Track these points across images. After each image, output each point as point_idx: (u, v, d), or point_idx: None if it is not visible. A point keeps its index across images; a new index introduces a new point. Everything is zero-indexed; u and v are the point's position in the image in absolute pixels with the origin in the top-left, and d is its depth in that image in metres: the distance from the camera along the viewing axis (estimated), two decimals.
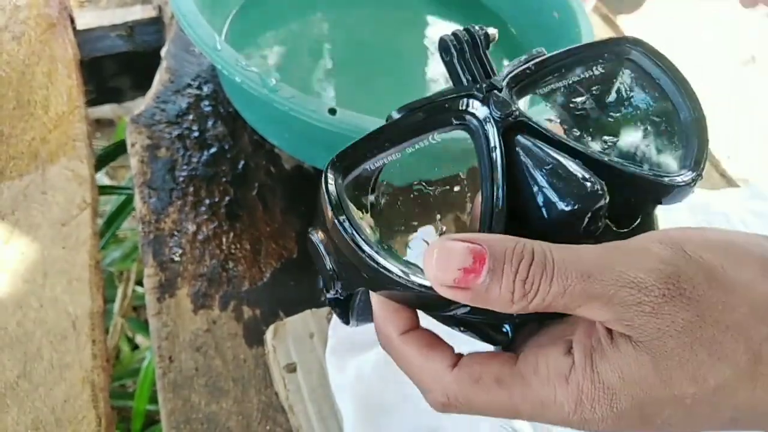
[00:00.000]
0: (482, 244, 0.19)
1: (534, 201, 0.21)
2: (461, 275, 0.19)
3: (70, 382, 0.39)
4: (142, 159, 0.52)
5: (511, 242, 0.19)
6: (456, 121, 0.23)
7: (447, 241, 0.19)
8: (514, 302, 0.19)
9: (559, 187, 0.21)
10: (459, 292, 0.19)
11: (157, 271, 0.46)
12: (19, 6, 0.61)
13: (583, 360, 0.19)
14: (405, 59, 0.62)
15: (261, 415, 0.40)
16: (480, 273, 0.18)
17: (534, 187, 0.21)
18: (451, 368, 0.21)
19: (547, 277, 0.18)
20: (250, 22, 0.60)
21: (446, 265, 0.19)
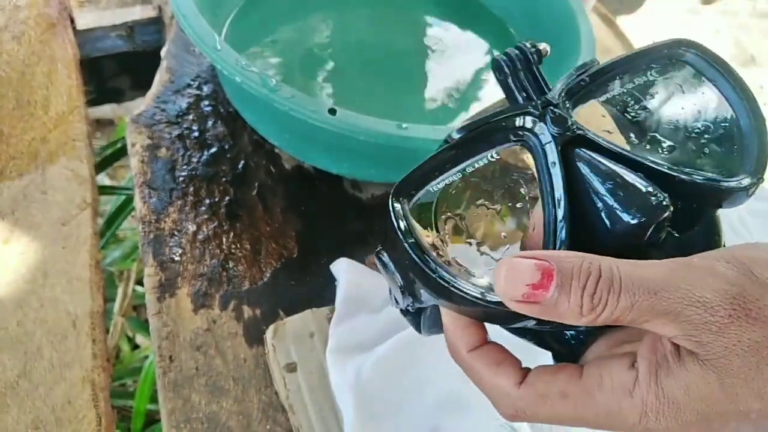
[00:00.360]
0: (550, 260, 0.20)
1: (597, 214, 0.22)
2: (530, 290, 0.20)
3: (70, 382, 0.39)
4: (142, 159, 0.53)
5: (578, 259, 0.20)
6: (514, 139, 0.24)
7: (515, 259, 0.20)
8: (583, 315, 0.20)
9: (623, 200, 0.21)
10: (528, 306, 0.20)
11: (157, 271, 0.46)
12: (19, 6, 0.61)
13: (648, 375, 0.20)
14: (405, 60, 0.62)
15: (261, 415, 0.41)
16: (548, 288, 0.19)
17: (597, 201, 0.22)
18: (518, 386, 0.22)
19: (614, 293, 0.19)
20: (250, 23, 0.60)
21: (515, 280, 0.20)
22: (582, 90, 0.24)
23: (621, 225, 0.21)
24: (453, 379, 0.39)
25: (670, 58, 0.25)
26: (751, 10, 1.85)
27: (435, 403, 0.39)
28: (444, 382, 0.39)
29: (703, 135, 0.25)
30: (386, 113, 0.43)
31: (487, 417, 0.38)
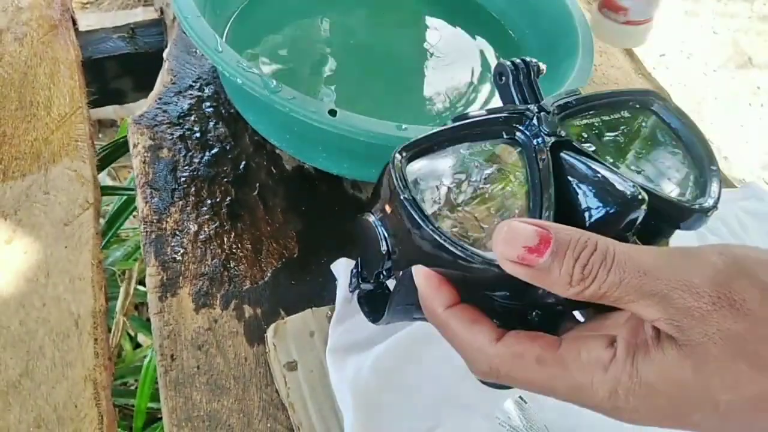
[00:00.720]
0: (548, 229, 0.20)
1: (577, 206, 0.24)
2: (525, 253, 0.20)
3: (72, 381, 0.40)
4: (144, 159, 0.53)
5: (576, 233, 0.20)
6: (507, 135, 0.26)
7: (515, 221, 0.21)
8: (571, 285, 0.20)
9: (603, 191, 0.23)
10: (521, 268, 0.20)
11: (158, 271, 0.46)
12: (22, 7, 0.61)
13: (624, 354, 0.20)
14: (405, 61, 0.63)
15: (262, 413, 0.41)
16: (543, 253, 0.20)
17: (578, 194, 0.24)
18: (495, 342, 0.22)
19: (605, 267, 0.20)
20: (252, 24, 0.60)
21: (513, 241, 0.20)
22: (569, 109, 0.28)
23: (599, 213, 0.23)
24: (452, 378, 0.39)
25: (641, 102, 0.29)
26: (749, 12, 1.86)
27: (434, 402, 0.39)
28: (443, 381, 0.40)
29: (666, 168, 0.28)
30: (386, 114, 0.43)
31: (486, 416, 0.38)
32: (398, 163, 0.24)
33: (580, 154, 0.25)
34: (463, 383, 0.39)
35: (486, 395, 0.39)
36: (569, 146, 0.25)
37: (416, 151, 0.25)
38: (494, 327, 0.23)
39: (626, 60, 0.73)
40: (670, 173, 0.28)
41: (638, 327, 0.21)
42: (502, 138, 0.26)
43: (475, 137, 0.26)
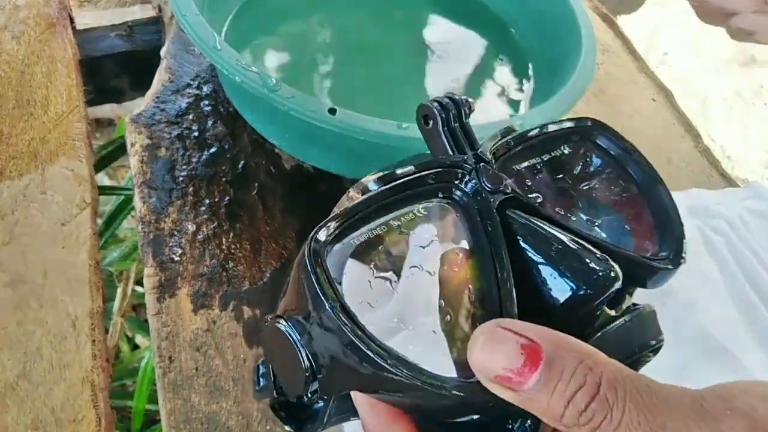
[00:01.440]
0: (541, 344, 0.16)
1: (535, 282, 0.20)
2: (505, 374, 0.16)
3: (69, 382, 0.39)
4: (141, 159, 0.52)
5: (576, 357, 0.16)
6: (441, 194, 0.22)
7: (498, 330, 0.17)
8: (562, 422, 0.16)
9: (569, 270, 0.19)
10: (499, 388, 0.17)
11: (156, 271, 0.46)
12: (19, 6, 0.61)
13: None
14: (405, 59, 0.62)
15: (261, 415, 0.40)
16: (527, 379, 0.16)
17: (539, 270, 0.20)
18: None
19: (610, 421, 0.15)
20: (250, 22, 0.60)
21: (490, 358, 0.16)
22: (507, 153, 0.24)
23: (565, 296, 0.19)
24: None
25: (580, 135, 0.25)
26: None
27: None
28: None
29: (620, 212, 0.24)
30: (386, 113, 0.43)
31: None
32: (317, 257, 0.19)
33: (532, 213, 0.21)
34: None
35: None
36: (519, 203, 0.21)
37: (337, 233, 0.20)
38: None
39: (629, 58, 0.73)
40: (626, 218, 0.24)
41: None
42: (437, 198, 0.22)
43: (404, 202, 0.21)
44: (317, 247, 0.19)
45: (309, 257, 0.19)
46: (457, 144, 0.23)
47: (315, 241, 0.20)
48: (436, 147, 0.24)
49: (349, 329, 0.18)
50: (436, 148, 0.24)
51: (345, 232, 0.20)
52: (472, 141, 0.23)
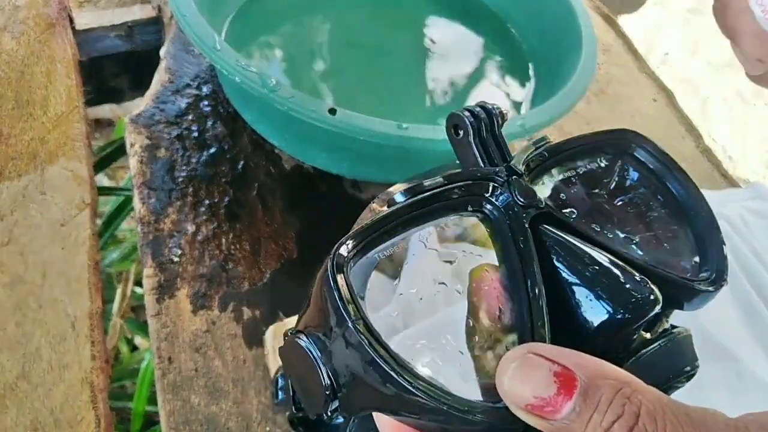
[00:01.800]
0: (576, 372, 0.15)
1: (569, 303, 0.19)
2: (537, 402, 0.16)
3: (69, 383, 0.39)
4: (141, 159, 0.52)
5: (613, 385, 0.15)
6: (471, 208, 0.21)
7: (530, 357, 0.16)
8: None
9: (605, 290, 0.18)
10: (530, 416, 0.16)
11: (156, 272, 0.46)
12: (18, 6, 0.61)
13: None
14: (405, 59, 0.62)
15: (260, 417, 0.40)
16: (560, 409, 0.15)
17: (573, 289, 0.19)
18: None
19: None
20: (250, 22, 0.60)
21: (521, 386, 0.16)
22: (540, 165, 0.22)
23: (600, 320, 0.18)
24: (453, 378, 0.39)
25: (616, 147, 0.24)
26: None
27: None
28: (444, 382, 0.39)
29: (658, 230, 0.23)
30: (386, 113, 0.43)
31: None
32: (340, 271, 0.18)
33: (566, 230, 0.20)
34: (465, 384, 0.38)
35: None
36: (550, 218, 0.20)
37: (361, 247, 0.19)
38: None
39: (630, 58, 0.73)
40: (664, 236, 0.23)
41: None
42: (467, 211, 0.21)
43: (431, 216, 0.20)
44: (340, 262, 0.18)
45: (331, 272, 0.18)
46: (488, 155, 0.22)
47: (338, 256, 0.18)
48: (467, 158, 0.23)
49: (372, 347, 0.17)
50: (466, 160, 0.23)
51: (369, 246, 0.19)
52: (504, 152, 0.22)
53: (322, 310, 0.18)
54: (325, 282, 0.18)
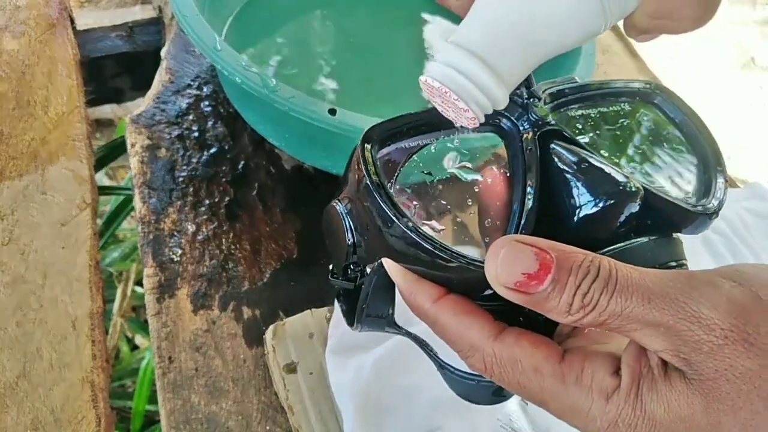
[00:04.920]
0: (550, 252, 0.19)
1: (564, 201, 0.21)
2: (523, 279, 0.19)
3: (69, 382, 0.39)
4: (141, 159, 0.52)
5: (579, 255, 0.19)
6: (490, 121, 0.23)
7: (515, 243, 0.19)
8: (570, 314, 0.19)
9: (593, 182, 0.21)
10: (516, 294, 0.19)
11: (156, 272, 0.46)
12: (19, 6, 0.61)
13: (629, 385, 0.19)
14: (405, 58, 0.62)
15: (261, 416, 0.40)
16: (543, 281, 0.18)
17: (566, 186, 0.21)
18: (492, 338, 0.20)
19: (607, 294, 0.18)
20: (251, 23, 0.60)
21: (510, 267, 0.19)
22: (563, 98, 0.25)
23: (589, 208, 0.21)
24: None
25: (641, 95, 0.26)
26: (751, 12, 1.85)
27: (435, 403, 0.39)
28: (445, 384, 0.39)
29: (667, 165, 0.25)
30: (387, 113, 0.43)
31: (487, 417, 0.38)
32: (367, 144, 0.22)
33: (571, 144, 0.22)
34: None
35: None
36: (560, 136, 0.23)
37: (388, 134, 0.23)
38: (491, 321, 0.21)
39: (629, 59, 0.73)
40: (672, 172, 0.25)
41: (642, 350, 0.19)
42: (486, 124, 0.24)
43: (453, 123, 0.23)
44: (368, 136, 0.22)
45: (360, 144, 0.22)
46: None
47: (367, 134, 0.22)
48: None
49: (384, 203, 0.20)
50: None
51: (397, 134, 0.23)
52: (528, 80, 0.25)
53: (350, 176, 0.22)
54: (356, 153, 0.22)
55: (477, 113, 0.21)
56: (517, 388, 0.21)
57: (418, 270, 0.21)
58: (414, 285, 0.21)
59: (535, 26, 0.20)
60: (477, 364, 0.21)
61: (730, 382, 0.17)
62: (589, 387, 0.19)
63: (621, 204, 0.21)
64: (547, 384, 0.20)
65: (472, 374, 0.23)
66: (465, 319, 0.21)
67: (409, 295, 0.22)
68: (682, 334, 0.18)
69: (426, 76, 0.21)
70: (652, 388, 0.19)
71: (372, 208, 0.21)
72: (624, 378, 0.19)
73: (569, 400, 0.19)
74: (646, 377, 0.19)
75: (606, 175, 0.21)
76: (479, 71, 0.20)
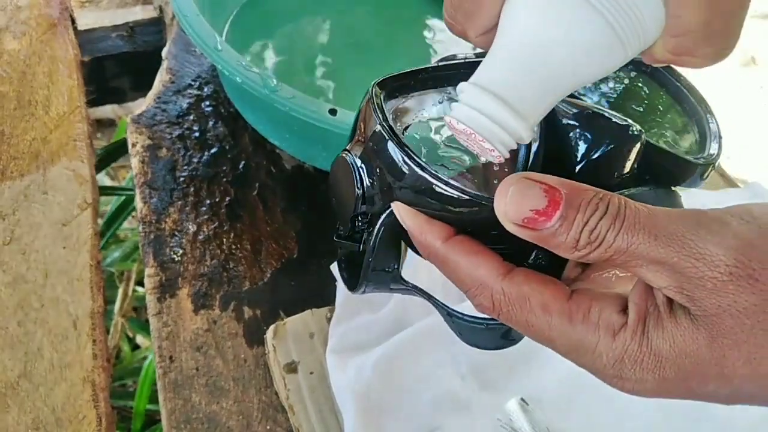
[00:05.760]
0: (560, 189, 0.19)
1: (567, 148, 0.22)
2: (532, 215, 0.19)
3: (70, 382, 0.39)
4: (143, 159, 0.53)
5: (590, 192, 0.19)
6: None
7: (525, 180, 0.19)
8: (577, 249, 0.19)
9: (595, 127, 0.21)
10: (524, 230, 0.19)
11: (157, 271, 0.46)
12: (21, 6, 0.61)
13: (636, 321, 0.19)
14: (405, 58, 0.62)
15: (261, 415, 0.41)
16: (551, 217, 0.19)
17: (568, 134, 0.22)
18: (501, 277, 0.21)
19: (614, 230, 0.18)
20: (251, 23, 0.60)
21: (520, 203, 0.19)
22: None
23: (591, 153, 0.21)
24: (453, 379, 0.39)
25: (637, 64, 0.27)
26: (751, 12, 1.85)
27: (435, 403, 0.39)
28: (444, 382, 0.39)
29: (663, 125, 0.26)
30: None
31: (487, 417, 0.38)
32: (376, 91, 0.23)
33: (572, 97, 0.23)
34: (464, 384, 0.39)
35: (487, 396, 0.38)
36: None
37: (397, 86, 0.24)
38: (500, 260, 0.21)
39: None
40: (666, 130, 0.26)
41: (649, 287, 0.20)
42: None
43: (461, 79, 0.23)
44: (381, 84, 0.23)
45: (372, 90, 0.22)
46: None
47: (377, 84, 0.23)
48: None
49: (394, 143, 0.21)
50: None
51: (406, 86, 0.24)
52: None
53: (362, 124, 0.23)
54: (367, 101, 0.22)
55: (502, 152, 0.21)
56: (524, 327, 0.21)
57: (428, 213, 0.22)
58: (424, 225, 0.22)
59: (554, 65, 0.20)
60: (486, 302, 0.21)
61: (734, 318, 0.17)
62: (596, 324, 0.19)
63: (623, 148, 0.21)
64: (555, 322, 0.20)
65: (480, 318, 0.23)
66: (474, 258, 0.21)
67: (419, 234, 0.22)
68: (686, 271, 0.18)
69: (452, 118, 0.21)
70: (657, 324, 0.19)
71: (383, 152, 0.21)
72: (630, 315, 0.19)
73: (576, 336, 0.20)
74: (652, 314, 0.19)
75: (607, 121, 0.21)
76: (503, 113, 0.20)
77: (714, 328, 0.18)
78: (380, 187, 0.22)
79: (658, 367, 0.19)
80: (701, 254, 0.18)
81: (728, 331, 0.18)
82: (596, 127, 0.22)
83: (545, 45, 0.20)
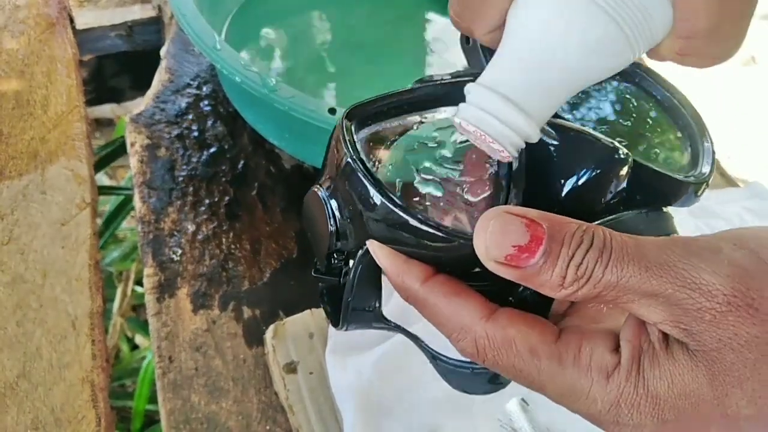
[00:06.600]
0: (542, 223, 0.18)
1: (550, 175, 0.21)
2: (514, 252, 0.18)
3: (69, 382, 0.39)
4: (141, 159, 0.52)
5: (572, 225, 0.18)
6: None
7: (505, 214, 0.18)
8: (564, 287, 0.18)
9: (579, 151, 0.20)
10: (507, 269, 0.18)
11: (156, 271, 0.46)
12: (19, 5, 0.61)
13: (630, 362, 0.18)
14: (405, 57, 0.62)
15: (261, 415, 0.40)
16: (534, 253, 0.17)
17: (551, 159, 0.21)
18: (485, 319, 0.19)
19: (602, 263, 0.17)
20: (250, 22, 0.60)
21: (500, 239, 0.18)
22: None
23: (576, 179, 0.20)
24: None
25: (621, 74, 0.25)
26: None
27: (435, 403, 0.39)
28: (444, 382, 0.39)
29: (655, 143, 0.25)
30: None
31: (487, 417, 0.38)
32: (346, 124, 0.21)
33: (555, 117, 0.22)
34: None
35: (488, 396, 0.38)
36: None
37: (368, 114, 0.22)
38: (483, 301, 0.20)
39: None
40: (659, 148, 0.25)
41: (641, 323, 0.18)
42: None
43: (436, 103, 0.23)
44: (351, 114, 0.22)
45: (341, 123, 0.21)
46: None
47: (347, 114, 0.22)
48: (474, 61, 0.26)
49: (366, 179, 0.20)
50: (474, 63, 0.26)
51: (378, 114, 0.23)
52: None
53: (330, 158, 0.22)
54: (336, 134, 0.21)
55: (511, 152, 0.20)
56: (512, 373, 0.19)
57: (404, 250, 0.20)
58: (402, 266, 0.20)
59: (561, 65, 0.19)
60: (469, 347, 0.20)
61: (735, 352, 0.16)
62: (588, 366, 0.18)
63: (610, 173, 0.20)
64: (544, 365, 0.19)
65: (465, 362, 0.22)
66: (455, 300, 0.20)
67: (396, 277, 0.21)
68: (681, 303, 0.17)
69: (460, 119, 0.20)
70: (653, 363, 0.18)
71: (354, 187, 0.20)
72: (624, 354, 0.18)
73: (568, 380, 0.18)
74: (646, 352, 0.18)
75: (592, 144, 0.20)
76: (512, 114, 0.20)
77: (714, 365, 0.17)
78: (353, 223, 0.21)
79: (656, 410, 0.17)
80: (696, 284, 0.17)
81: (730, 367, 0.17)
82: (581, 151, 0.21)
83: (552, 45, 0.19)
